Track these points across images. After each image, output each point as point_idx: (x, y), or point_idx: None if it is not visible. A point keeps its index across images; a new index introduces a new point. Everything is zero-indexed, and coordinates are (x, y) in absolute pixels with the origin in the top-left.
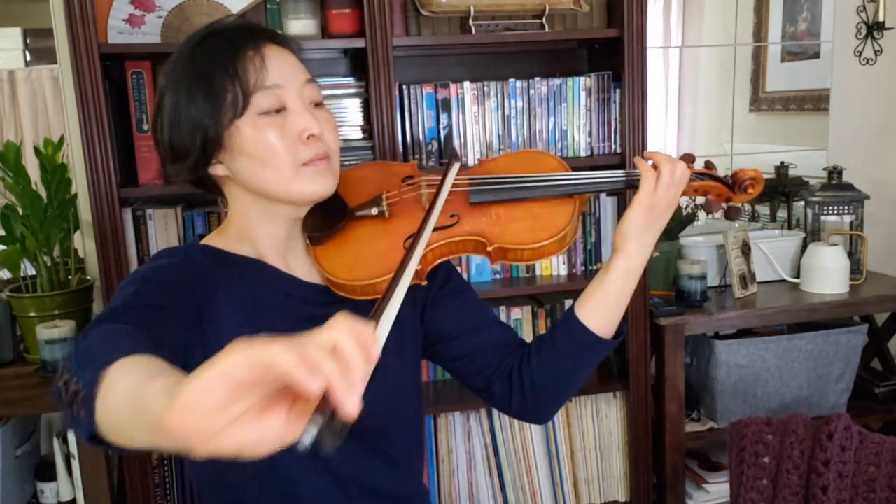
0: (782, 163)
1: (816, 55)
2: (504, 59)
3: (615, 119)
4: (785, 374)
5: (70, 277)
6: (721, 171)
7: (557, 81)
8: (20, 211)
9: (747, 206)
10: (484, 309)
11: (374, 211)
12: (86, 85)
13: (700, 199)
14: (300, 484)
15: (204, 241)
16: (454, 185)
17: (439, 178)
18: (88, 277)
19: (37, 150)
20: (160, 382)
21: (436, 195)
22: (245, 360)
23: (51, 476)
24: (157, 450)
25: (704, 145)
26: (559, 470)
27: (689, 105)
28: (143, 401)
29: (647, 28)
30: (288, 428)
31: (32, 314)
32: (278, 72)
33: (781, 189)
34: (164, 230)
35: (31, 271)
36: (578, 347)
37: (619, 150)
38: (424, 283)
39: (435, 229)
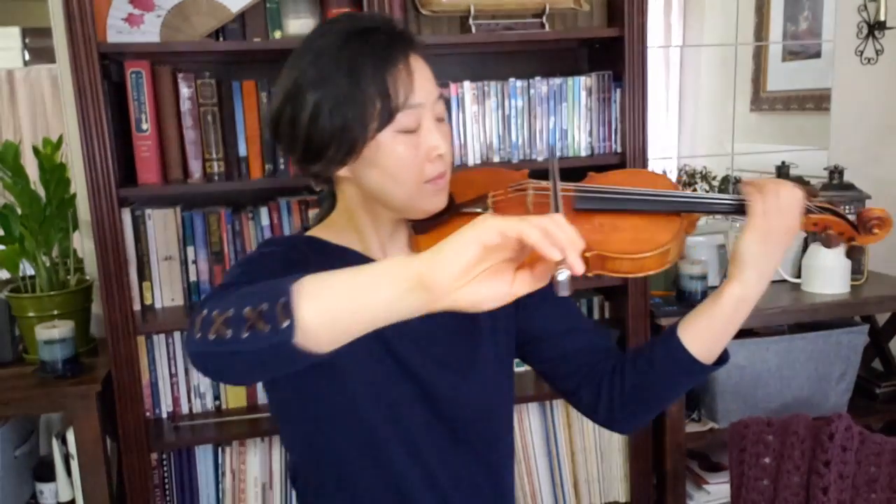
0: (783, 162)
1: (817, 54)
2: (504, 59)
3: (615, 119)
4: (786, 374)
5: (69, 277)
6: (722, 172)
7: (558, 81)
8: (19, 211)
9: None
10: (577, 313)
11: (479, 208)
12: (84, 84)
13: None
14: (390, 471)
15: (309, 233)
16: (562, 191)
17: (548, 183)
18: (87, 277)
19: (35, 150)
20: (390, 259)
21: (553, 183)
22: (497, 229)
23: (50, 476)
24: (364, 330)
25: (705, 145)
26: (559, 470)
27: (689, 105)
28: (378, 275)
29: (648, 27)
30: (513, 286)
31: (31, 314)
32: (422, 90)
33: None
34: (162, 230)
35: (30, 271)
36: (676, 369)
37: (619, 150)
38: None
39: None
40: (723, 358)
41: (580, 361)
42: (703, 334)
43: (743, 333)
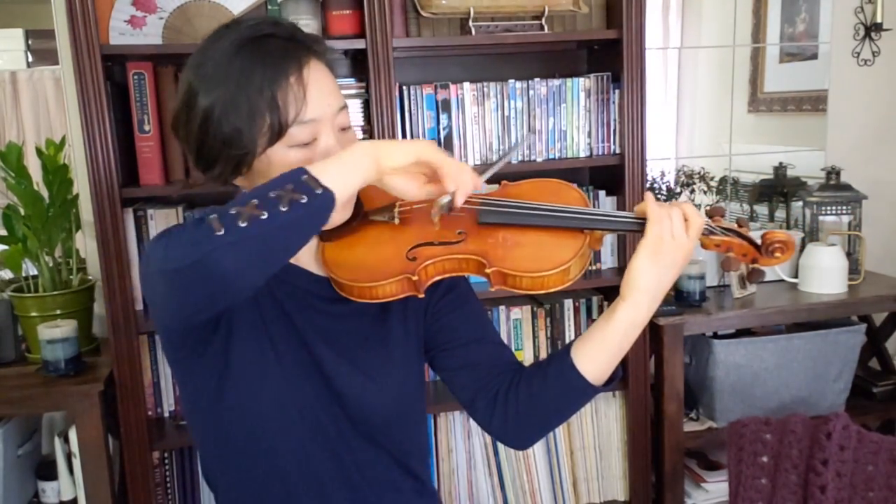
0: (780, 163)
1: (814, 56)
2: (504, 60)
3: (614, 120)
4: (783, 373)
5: (72, 277)
6: (720, 173)
7: (557, 82)
8: (22, 211)
9: (745, 206)
10: (485, 324)
11: (385, 217)
12: (87, 86)
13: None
14: (306, 471)
15: None
16: (466, 203)
17: None
18: (90, 277)
19: (38, 151)
20: (359, 143)
21: (505, 154)
22: (427, 150)
23: (52, 475)
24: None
25: (703, 146)
26: (559, 469)
27: (687, 106)
28: (358, 154)
29: (646, 29)
30: (419, 191)
31: (34, 314)
32: (317, 103)
33: (780, 189)
34: None
35: (33, 271)
36: (566, 389)
37: (618, 151)
38: (421, 295)
39: (440, 244)
40: (613, 378)
41: (479, 374)
42: (594, 356)
43: (741, 333)
